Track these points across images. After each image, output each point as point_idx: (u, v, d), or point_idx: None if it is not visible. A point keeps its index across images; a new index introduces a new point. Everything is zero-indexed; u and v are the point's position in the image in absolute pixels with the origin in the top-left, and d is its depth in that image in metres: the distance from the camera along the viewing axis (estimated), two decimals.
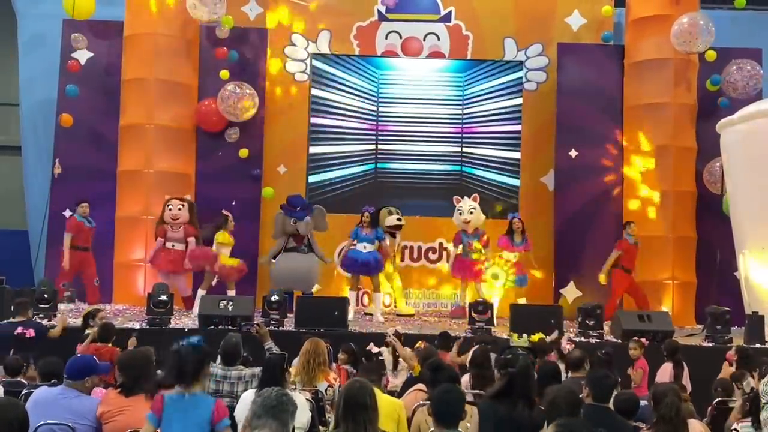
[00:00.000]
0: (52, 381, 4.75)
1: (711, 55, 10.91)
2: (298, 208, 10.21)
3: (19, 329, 7.09)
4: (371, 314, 10.28)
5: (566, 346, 6.63)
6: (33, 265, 11.95)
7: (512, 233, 10.55)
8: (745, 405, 4.79)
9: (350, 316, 9.70)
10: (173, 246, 10.13)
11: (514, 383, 4.05)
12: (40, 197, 12.01)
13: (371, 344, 6.31)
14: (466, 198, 10.84)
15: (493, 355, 6.11)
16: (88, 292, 10.49)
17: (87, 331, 6.81)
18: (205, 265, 9.95)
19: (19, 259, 12.05)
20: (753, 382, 5.58)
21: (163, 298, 8.57)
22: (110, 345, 6.51)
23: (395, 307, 11.16)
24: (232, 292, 9.84)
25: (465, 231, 10.63)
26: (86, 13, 10.35)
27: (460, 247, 10.61)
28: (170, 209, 10.10)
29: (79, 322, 7.63)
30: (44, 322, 7.96)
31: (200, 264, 10.01)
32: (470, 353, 6.47)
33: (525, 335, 7.27)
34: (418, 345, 6.67)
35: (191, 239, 10.14)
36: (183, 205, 10.19)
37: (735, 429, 4.67)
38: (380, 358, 6.50)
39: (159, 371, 4.84)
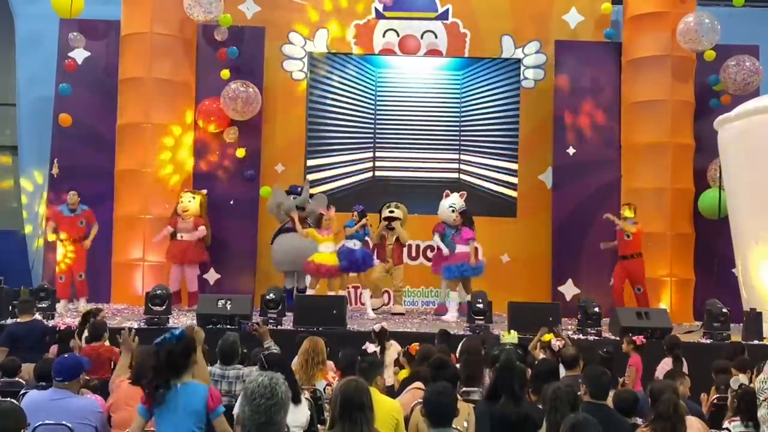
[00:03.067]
0: (48, 382, 4.68)
1: (710, 55, 10.90)
2: (299, 189, 10.78)
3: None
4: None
5: (556, 343, 6.64)
6: (30, 266, 11.90)
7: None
8: (733, 402, 4.77)
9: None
10: (182, 237, 10.39)
11: (498, 380, 4.08)
12: (37, 197, 12.00)
13: (367, 343, 6.29)
14: (455, 194, 10.85)
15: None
16: (77, 288, 10.23)
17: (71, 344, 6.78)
18: None
19: (17, 260, 12.04)
20: (743, 378, 5.56)
21: (161, 297, 8.56)
22: (107, 344, 6.50)
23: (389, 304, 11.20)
24: (331, 292, 9.81)
25: (448, 224, 10.59)
26: (75, 11, 10.31)
27: (439, 236, 10.49)
28: (181, 202, 10.47)
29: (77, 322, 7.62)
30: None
31: None
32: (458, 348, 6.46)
33: (513, 331, 7.27)
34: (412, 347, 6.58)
35: (201, 228, 10.45)
36: (194, 198, 10.57)
37: (726, 429, 4.64)
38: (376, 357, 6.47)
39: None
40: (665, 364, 6.70)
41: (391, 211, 10.64)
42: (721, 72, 11.09)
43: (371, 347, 6.11)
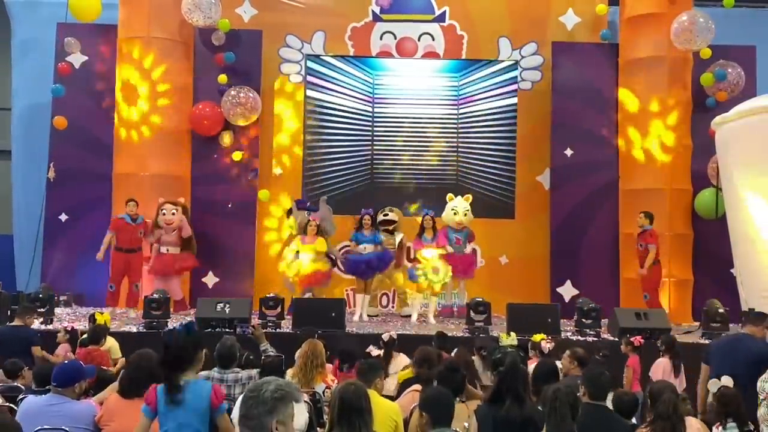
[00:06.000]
0: (47, 387, 4.63)
1: (706, 53, 10.91)
2: (308, 203, 10.60)
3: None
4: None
5: (546, 345, 6.64)
6: (28, 270, 11.85)
7: (423, 231, 10.27)
8: (712, 404, 4.73)
9: (363, 317, 9.85)
10: (167, 250, 10.26)
11: (503, 382, 4.08)
12: (28, 201, 11.96)
13: (371, 347, 6.29)
14: (459, 197, 10.83)
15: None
16: (128, 297, 10.24)
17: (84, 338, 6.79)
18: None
19: (6, 264, 12.02)
20: (725, 380, 5.50)
21: (159, 301, 8.57)
22: (101, 348, 6.49)
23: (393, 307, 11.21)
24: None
25: (451, 227, 10.59)
26: (91, 15, 10.36)
27: (447, 242, 10.49)
28: (164, 214, 10.21)
29: (78, 326, 7.63)
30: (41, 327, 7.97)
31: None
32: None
33: (513, 333, 7.26)
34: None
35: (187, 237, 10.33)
36: (176, 209, 10.31)
37: None
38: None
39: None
40: (659, 365, 6.69)
41: (386, 215, 10.59)
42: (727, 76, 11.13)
43: (375, 351, 6.10)
